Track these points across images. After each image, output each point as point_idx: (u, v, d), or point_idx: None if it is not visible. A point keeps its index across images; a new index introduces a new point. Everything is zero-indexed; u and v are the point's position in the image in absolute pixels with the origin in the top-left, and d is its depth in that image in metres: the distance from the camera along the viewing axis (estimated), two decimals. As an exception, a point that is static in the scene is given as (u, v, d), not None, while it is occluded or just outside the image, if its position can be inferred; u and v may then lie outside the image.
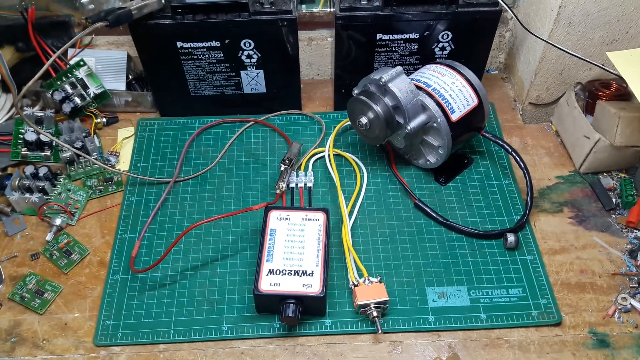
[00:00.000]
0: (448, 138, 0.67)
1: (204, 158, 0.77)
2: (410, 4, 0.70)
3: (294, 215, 0.64)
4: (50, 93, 0.77)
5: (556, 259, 0.66)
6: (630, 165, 0.74)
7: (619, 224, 0.69)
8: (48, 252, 0.67)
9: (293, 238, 0.62)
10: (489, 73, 0.90)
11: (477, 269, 0.65)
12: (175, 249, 0.67)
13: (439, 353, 0.59)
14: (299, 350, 0.59)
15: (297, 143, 0.74)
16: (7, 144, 0.76)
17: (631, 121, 0.68)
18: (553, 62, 0.75)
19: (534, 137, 0.80)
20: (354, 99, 0.68)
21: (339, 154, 0.76)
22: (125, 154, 0.78)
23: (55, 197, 0.71)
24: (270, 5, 0.70)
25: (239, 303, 0.62)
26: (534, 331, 0.60)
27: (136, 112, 0.84)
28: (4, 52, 0.77)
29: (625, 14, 0.68)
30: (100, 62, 0.81)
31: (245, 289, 0.63)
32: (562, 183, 0.74)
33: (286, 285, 0.58)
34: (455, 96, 0.67)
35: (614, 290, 0.63)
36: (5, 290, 0.64)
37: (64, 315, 0.62)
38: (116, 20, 0.65)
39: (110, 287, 0.64)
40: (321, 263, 0.60)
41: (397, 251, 0.66)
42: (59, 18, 0.80)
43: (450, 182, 0.74)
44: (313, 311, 0.61)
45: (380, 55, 0.76)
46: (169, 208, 0.71)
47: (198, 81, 0.78)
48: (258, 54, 0.74)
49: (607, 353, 0.58)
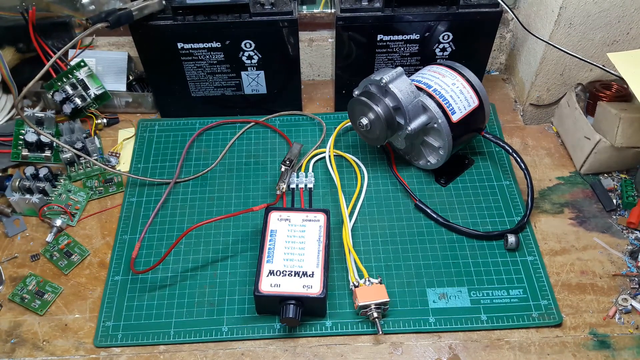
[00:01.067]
0: (449, 139, 0.67)
1: (205, 159, 0.77)
2: (410, 5, 0.71)
3: (295, 216, 0.64)
4: (51, 94, 0.77)
5: (557, 259, 0.66)
6: (631, 166, 0.74)
7: (620, 225, 0.69)
8: (48, 254, 0.67)
9: (293, 239, 0.62)
10: (489, 74, 0.90)
11: (477, 269, 0.65)
12: (175, 249, 0.67)
13: (440, 354, 0.59)
14: (300, 352, 0.59)
15: (298, 144, 0.74)
16: (7, 145, 0.76)
17: (632, 122, 0.68)
18: (554, 63, 0.75)
19: (534, 138, 0.80)
20: (355, 99, 0.68)
21: (339, 155, 0.76)
22: (126, 155, 0.78)
23: (56, 198, 0.71)
24: (270, 6, 0.70)
25: (239, 304, 0.62)
26: (535, 332, 0.60)
27: (137, 113, 0.84)
28: (5, 52, 0.77)
29: (626, 15, 0.68)
30: (100, 63, 0.81)
31: (245, 290, 0.63)
32: (562, 184, 0.74)
33: (286, 286, 0.58)
34: (456, 97, 0.67)
35: (614, 291, 0.63)
36: (6, 291, 0.64)
37: (64, 317, 0.62)
38: (117, 21, 0.65)
39: (110, 288, 0.64)
40: (321, 264, 0.60)
41: (398, 252, 0.66)
42: (59, 19, 0.80)
43: (450, 182, 0.74)
44: (313, 312, 0.60)
45: (381, 56, 0.76)
46: (170, 209, 0.71)
47: (199, 82, 0.78)
48: (259, 54, 0.74)
49: (607, 354, 0.58)
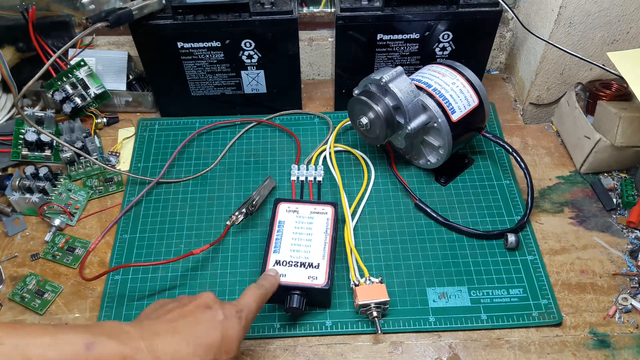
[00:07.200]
0: (448, 138, 0.67)
1: (205, 158, 0.77)
2: (410, 4, 0.70)
3: (303, 208, 0.64)
4: (51, 93, 0.77)
5: (557, 259, 0.66)
6: (631, 165, 0.74)
7: (620, 224, 0.69)
8: (50, 255, 0.67)
9: (301, 230, 0.62)
10: (489, 73, 0.90)
11: (477, 269, 0.65)
12: (175, 249, 0.67)
13: (440, 353, 0.59)
14: (300, 351, 0.59)
15: (272, 181, 0.72)
16: (7, 144, 0.76)
17: (632, 121, 0.68)
18: (554, 62, 0.74)
19: (534, 137, 0.80)
20: (355, 99, 0.68)
21: (347, 150, 0.77)
22: (126, 154, 0.78)
23: (56, 198, 0.71)
24: (270, 5, 0.70)
25: (239, 303, 0.62)
26: (535, 331, 0.60)
27: (136, 112, 0.84)
28: (5, 52, 0.77)
29: (626, 14, 0.68)
30: (100, 62, 0.81)
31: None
32: (562, 183, 0.74)
33: (292, 277, 0.58)
34: (456, 96, 0.67)
35: (614, 291, 0.63)
36: (6, 290, 0.64)
37: (64, 316, 0.62)
38: (117, 21, 0.65)
39: (110, 287, 0.64)
40: (327, 256, 0.60)
41: (398, 251, 0.66)
42: (59, 18, 0.80)
43: (450, 182, 0.74)
44: (318, 303, 0.61)
45: (381, 55, 0.76)
46: (170, 208, 0.71)
47: (198, 81, 0.78)
48: (258, 54, 0.74)
49: (607, 353, 0.58)
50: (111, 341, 0.41)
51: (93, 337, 0.41)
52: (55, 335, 0.40)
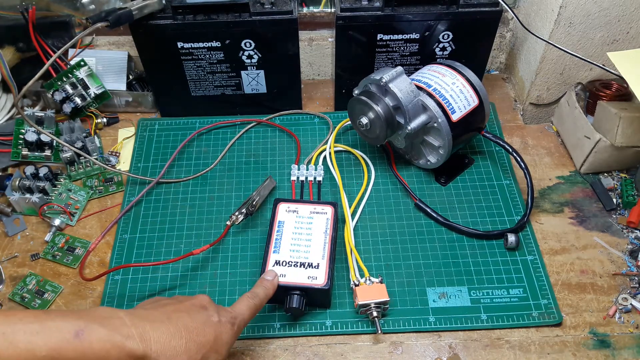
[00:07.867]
0: (448, 138, 0.67)
1: (205, 158, 0.77)
2: (410, 4, 0.71)
3: (303, 208, 0.64)
4: (51, 93, 0.77)
5: (557, 259, 0.66)
6: (631, 165, 0.74)
7: (620, 224, 0.69)
8: (50, 255, 0.67)
9: (300, 230, 0.62)
10: (489, 73, 0.90)
11: (477, 269, 0.65)
12: (175, 249, 0.67)
13: (440, 353, 0.59)
14: (300, 351, 0.59)
15: (272, 181, 0.72)
16: (7, 144, 0.76)
17: (632, 121, 0.68)
18: (554, 62, 0.75)
19: (534, 137, 0.80)
20: (355, 99, 0.68)
21: (348, 151, 0.77)
22: (126, 154, 0.78)
23: (56, 198, 0.71)
24: (270, 5, 0.70)
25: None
26: (535, 331, 0.60)
27: (137, 112, 0.84)
28: (5, 52, 0.77)
29: (626, 14, 0.68)
30: (100, 62, 0.81)
31: (245, 290, 0.63)
32: (562, 183, 0.74)
33: (292, 277, 0.58)
34: (456, 96, 0.67)
35: (614, 291, 0.63)
36: (6, 290, 0.64)
37: (65, 316, 0.62)
38: (117, 21, 0.65)
39: (110, 287, 0.64)
40: (327, 256, 0.60)
41: (398, 251, 0.66)
42: (59, 18, 0.80)
43: (450, 182, 0.74)
44: (318, 303, 0.61)
45: (381, 55, 0.76)
46: (170, 208, 0.71)
47: (198, 81, 0.78)
48: (258, 54, 0.74)
49: (607, 353, 0.58)
50: (101, 328, 0.41)
51: (83, 323, 0.41)
52: (44, 322, 0.40)
